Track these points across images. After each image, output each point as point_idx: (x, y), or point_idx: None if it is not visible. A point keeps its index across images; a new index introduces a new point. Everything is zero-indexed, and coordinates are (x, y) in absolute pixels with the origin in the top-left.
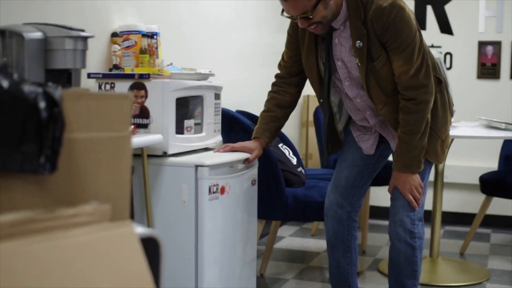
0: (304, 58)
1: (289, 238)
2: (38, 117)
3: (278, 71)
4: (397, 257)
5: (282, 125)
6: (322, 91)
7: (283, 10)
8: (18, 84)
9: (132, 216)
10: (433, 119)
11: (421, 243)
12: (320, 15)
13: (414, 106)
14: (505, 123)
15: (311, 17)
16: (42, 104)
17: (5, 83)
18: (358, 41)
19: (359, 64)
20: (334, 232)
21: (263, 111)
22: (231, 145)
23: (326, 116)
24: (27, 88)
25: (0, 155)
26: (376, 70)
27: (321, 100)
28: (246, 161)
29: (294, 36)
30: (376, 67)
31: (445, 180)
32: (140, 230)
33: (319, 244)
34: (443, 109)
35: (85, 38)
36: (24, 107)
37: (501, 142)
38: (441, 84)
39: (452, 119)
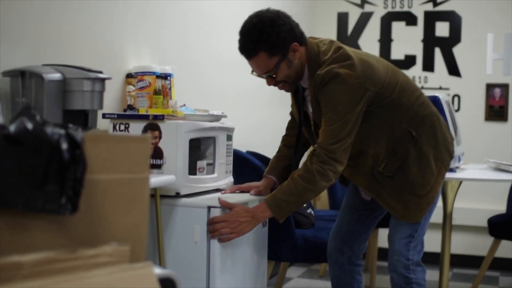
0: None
1: (297, 279)
2: (60, 159)
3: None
4: None
5: (291, 165)
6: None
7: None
8: (41, 125)
9: None
10: (404, 177)
11: None
12: (283, 74)
13: (312, 173)
14: None
15: (274, 76)
16: (64, 146)
17: (29, 125)
18: (310, 107)
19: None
20: (336, 277)
21: (275, 153)
22: (237, 186)
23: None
24: (50, 129)
25: (23, 195)
26: None
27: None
28: (252, 191)
29: None
30: None
31: (453, 222)
32: (158, 270)
33: (327, 285)
34: (418, 164)
35: (102, 80)
36: (47, 148)
37: (509, 184)
38: (414, 138)
39: (460, 163)
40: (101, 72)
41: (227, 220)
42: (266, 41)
